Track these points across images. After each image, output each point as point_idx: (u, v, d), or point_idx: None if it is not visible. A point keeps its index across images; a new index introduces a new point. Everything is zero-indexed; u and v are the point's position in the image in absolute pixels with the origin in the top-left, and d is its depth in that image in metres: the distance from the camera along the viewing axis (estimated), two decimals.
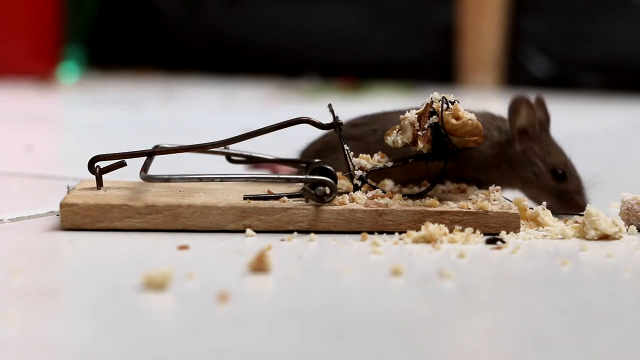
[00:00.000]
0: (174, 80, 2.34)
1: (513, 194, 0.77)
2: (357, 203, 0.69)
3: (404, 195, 0.70)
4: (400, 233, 0.67)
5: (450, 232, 0.67)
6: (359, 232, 0.67)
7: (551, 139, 0.76)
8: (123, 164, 0.72)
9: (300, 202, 0.69)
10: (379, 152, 0.72)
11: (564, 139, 0.78)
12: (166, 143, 0.75)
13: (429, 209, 0.68)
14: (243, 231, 0.67)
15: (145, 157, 0.73)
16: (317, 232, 0.67)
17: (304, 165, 0.76)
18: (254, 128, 0.71)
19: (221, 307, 0.50)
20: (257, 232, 0.67)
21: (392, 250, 0.64)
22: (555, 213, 0.73)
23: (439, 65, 2.28)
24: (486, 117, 0.76)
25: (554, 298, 0.55)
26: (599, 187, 0.77)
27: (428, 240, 0.66)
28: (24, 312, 0.50)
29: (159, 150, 0.73)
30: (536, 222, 0.71)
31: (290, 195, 0.69)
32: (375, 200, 0.69)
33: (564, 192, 0.75)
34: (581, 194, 0.75)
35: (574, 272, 0.60)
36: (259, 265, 0.57)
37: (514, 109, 0.75)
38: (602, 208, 0.73)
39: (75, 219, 0.67)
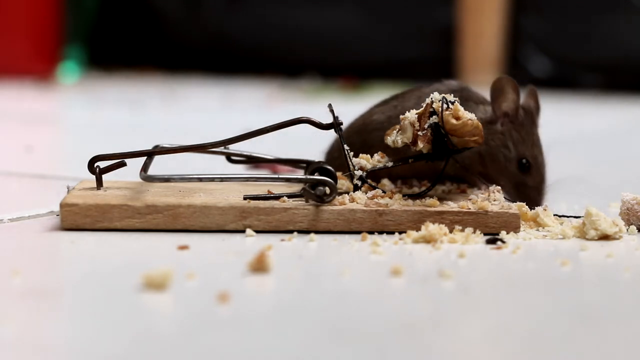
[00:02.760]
0: (174, 80, 2.33)
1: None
2: (357, 203, 0.69)
3: (404, 195, 0.70)
4: (400, 233, 0.67)
5: (450, 232, 0.67)
6: (359, 232, 0.67)
7: (533, 131, 0.76)
8: (123, 164, 0.72)
9: (300, 202, 0.69)
10: (379, 152, 0.72)
11: (564, 139, 0.78)
12: (166, 143, 0.75)
13: (429, 209, 0.68)
14: (243, 231, 0.67)
15: (145, 157, 0.73)
16: (317, 232, 0.67)
17: (304, 165, 0.76)
18: (254, 128, 0.71)
19: (221, 307, 0.50)
20: (257, 232, 0.67)
21: (392, 250, 0.64)
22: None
23: (439, 65, 2.28)
24: (477, 101, 0.76)
25: (554, 298, 0.55)
26: (598, 187, 0.77)
27: (428, 240, 0.66)
28: (24, 312, 0.50)
29: (159, 150, 0.73)
30: (536, 222, 0.71)
31: (290, 195, 0.69)
32: (375, 200, 0.69)
33: (522, 184, 0.74)
34: (539, 192, 0.75)
35: (574, 272, 0.60)
36: (259, 265, 0.57)
37: (497, 89, 0.74)
38: (602, 208, 0.73)
39: (75, 219, 0.67)
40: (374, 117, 0.76)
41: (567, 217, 0.74)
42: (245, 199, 0.68)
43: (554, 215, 0.73)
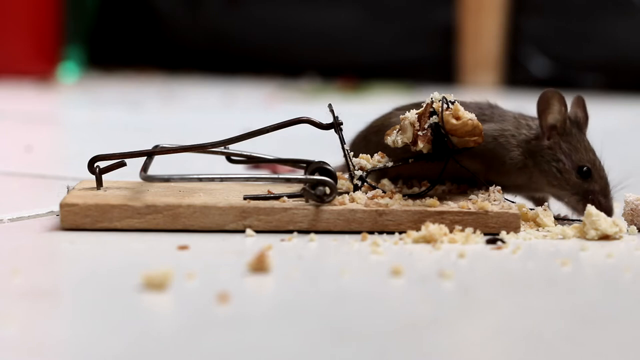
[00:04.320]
0: (174, 80, 2.34)
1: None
2: (357, 203, 0.69)
3: (404, 195, 0.70)
4: (400, 233, 0.67)
5: (451, 232, 0.67)
6: (359, 232, 0.67)
7: (583, 138, 0.74)
8: (123, 164, 0.72)
9: (300, 202, 0.68)
10: (379, 152, 0.72)
11: None
12: (166, 143, 0.75)
13: (429, 209, 0.68)
14: (243, 231, 0.67)
15: (145, 157, 0.73)
16: (317, 232, 0.67)
17: (304, 165, 0.76)
18: (254, 128, 0.71)
19: (221, 307, 0.50)
20: (257, 232, 0.67)
21: (392, 250, 0.64)
22: (576, 215, 0.73)
23: (439, 65, 2.28)
24: (517, 117, 0.75)
25: (554, 298, 0.55)
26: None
27: (428, 240, 0.66)
28: (24, 312, 0.50)
29: (159, 150, 0.73)
30: (536, 222, 0.71)
31: (290, 195, 0.69)
32: (375, 200, 0.69)
33: (587, 192, 0.72)
34: (606, 196, 0.73)
35: (574, 272, 0.60)
36: (259, 265, 0.57)
37: (544, 103, 0.73)
38: None
39: (75, 219, 0.67)
40: (392, 120, 0.76)
41: (565, 219, 0.74)
42: (245, 199, 0.68)
43: (555, 218, 0.72)
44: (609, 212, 0.72)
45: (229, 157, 0.78)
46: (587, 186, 0.73)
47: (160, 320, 0.49)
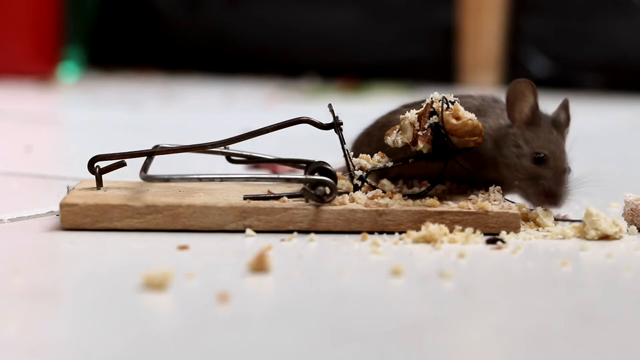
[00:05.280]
0: (174, 80, 2.33)
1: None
2: (357, 203, 0.69)
3: (404, 195, 0.70)
4: (400, 233, 0.67)
5: (451, 232, 0.67)
6: (359, 232, 0.67)
7: (552, 132, 0.74)
8: (123, 164, 0.72)
9: (300, 202, 0.69)
10: (379, 152, 0.72)
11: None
12: (166, 143, 0.75)
13: (429, 209, 0.68)
14: (243, 231, 0.67)
15: (145, 157, 0.73)
16: (317, 232, 0.67)
17: (304, 165, 0.76)
18: (254, 128, 0.71)
19: (221, 307, 0.50)
20: (257, 232, 0.67)
21: (392, 250, 0.64)
22: (525, 200, 0.73)
23: (439, 65, 2.28)
24: (503, 109, 0.75)
25: (554, 298, 0.55)
26: (597, 187, 0.77)
27: (428, 240, 0.66)
28: (24, 312, 0.50)
29: (159, 150, 0.73)
30: (536, 222, 0.71)
31: (290, 195, 0.69)
32: (375, 200, 0.69)
33: (538, 177, 0.72)
34: (557, 185, 0.73)
35: (574, 272, 0.60)
36: (259, 265, 0.57)
37: (514, 93, 0.73)
38: (603, 208, 0.73)
39: (75, 219, 0.67)
40: (397, 116, 0.76)
41: (565, 219, 0.74)
42: (245, 199, 0.68)
43: (555, 218, 0.72)
44: (556, 199, 0.72)
45: (229, 157, 0.78)
46: (540, 172, 0.73)
47: (160, 320, 0.49)
